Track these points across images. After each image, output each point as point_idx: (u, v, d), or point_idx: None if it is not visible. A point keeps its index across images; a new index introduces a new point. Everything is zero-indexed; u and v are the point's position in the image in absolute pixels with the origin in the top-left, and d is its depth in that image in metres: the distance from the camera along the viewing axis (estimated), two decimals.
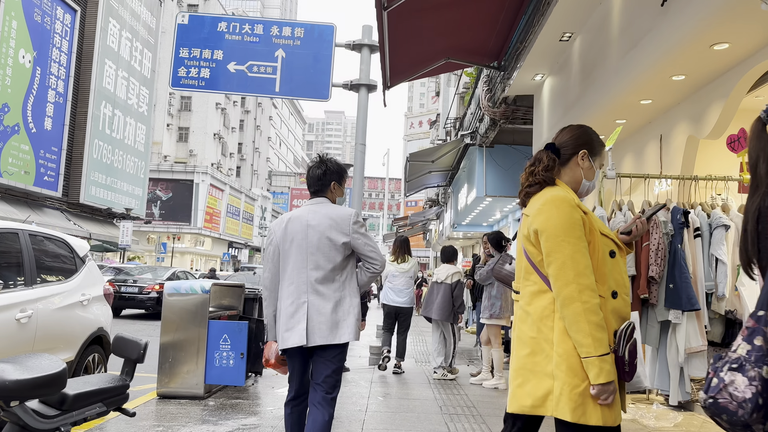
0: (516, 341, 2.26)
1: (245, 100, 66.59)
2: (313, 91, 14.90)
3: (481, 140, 12.90)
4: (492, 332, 6.98)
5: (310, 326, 3.13)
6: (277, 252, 3.31)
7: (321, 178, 3.39)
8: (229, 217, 54.47)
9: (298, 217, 3.32)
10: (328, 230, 3.24)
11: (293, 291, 3.22)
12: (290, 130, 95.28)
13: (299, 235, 3.25)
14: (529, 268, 2.26)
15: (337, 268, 3.25)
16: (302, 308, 3.16)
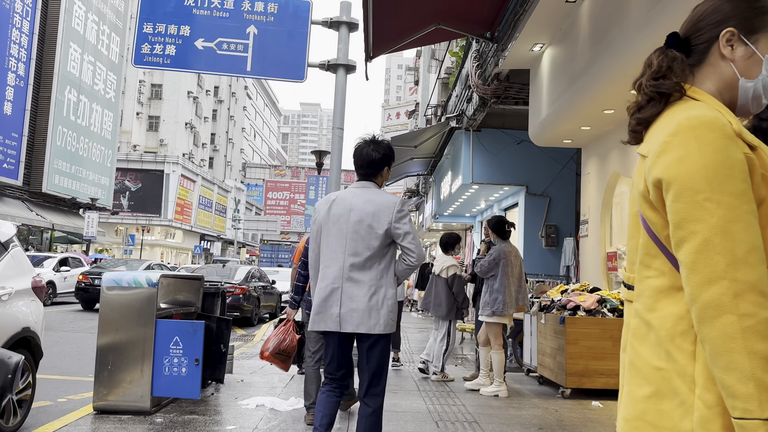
0: (630, 371, 1.33)
1: (218, 89, 64.96)
2: (288, 71, 13.88)
3: (468, 123, 12.02)
4: (492, 332, 6.10)
5: (343, 312, 3.09)
6: (320, 231, 3.26)
7: (377, 163, 3.29)
8: (201, 209, 52.99)
9: (343, 198, 3.23)
10: (370, 216, 3.15)
11: (329, 274, 3.16)
12: (265, 121, 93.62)
13: (342, 218, 3.18)
14: (651, 248, 1.31)
15: (375, 256, 3.15)
16: (336, 293, 3.11)
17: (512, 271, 6.07)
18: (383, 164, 3.31)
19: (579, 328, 5.92)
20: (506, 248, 6.13)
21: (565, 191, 12.55)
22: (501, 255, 6.07)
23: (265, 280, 16.36)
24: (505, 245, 6.18)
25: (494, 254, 6.10)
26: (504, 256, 6.06)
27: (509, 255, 6.09)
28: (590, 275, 8.24)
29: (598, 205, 8.04)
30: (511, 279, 6.04)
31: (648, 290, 1.29)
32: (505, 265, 6.03)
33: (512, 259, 6.10)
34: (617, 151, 7.51)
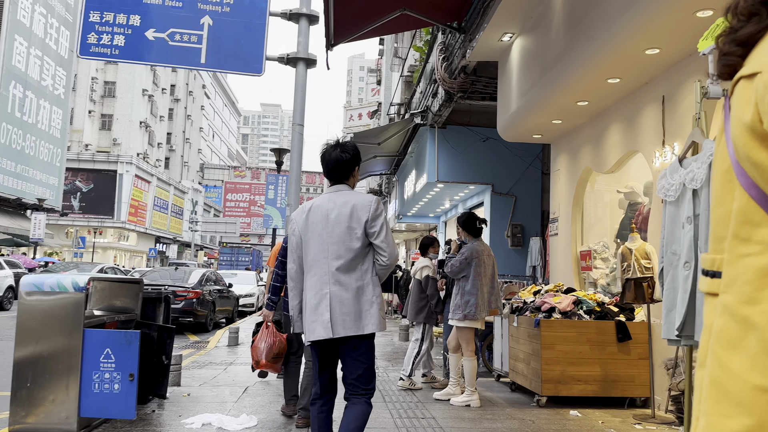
0: (712, 394, 0.85)
1: (175, 87, 63.38)
2: (245, 65, 13.34)
3: (433, 120, 11.62)
4: (464, 337, 5.67)
5: (334, 317, 3.08)
6: (300, 242, 3.25)
7: (346, 165, 3.27)
8: (156, 211, 51.47)
9: (318, 206, 3.23)
10: (347, 218, 3.16)
11: (316, 282, 3.16)
12: (224, 121, 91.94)
13: (320, 225, 3.19)
14: (753, 213, 0.83)
15: (358, 257, 3.16)
16: (325, 299, 3.11)
17: (485, 271, 5.66)
18: (353, 165, 3.32)
19: (555, 331, 5.54)
20: (478, 246, 5.71)
21: (530, 190, 12.29)
22: (473, 254, 5.65)
23: (221, 283, 15.65)
24: (477, 243, 5.76)
25: (466, 253, 5.67)
26: (476, 255, 5.64)
27: (482, 254, 5.68)
28: (560, 275, 7.91)
29: (569, 203, 7.72)
30: (484, 280, 5.62)
31: (747, 273, 0.82)
32: (478, 264, 5.62)
33: (485, 259, 5.68)
34: (589, 146, 7.20)
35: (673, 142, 5.38)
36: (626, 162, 6.53)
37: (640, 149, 6.02)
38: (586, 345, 5.55)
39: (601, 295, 5.96)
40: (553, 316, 5.64)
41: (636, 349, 5.59)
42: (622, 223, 6.79)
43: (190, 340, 12.28)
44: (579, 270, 7.52)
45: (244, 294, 19.11)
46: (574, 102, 6.54)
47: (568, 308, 5.67)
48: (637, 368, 5.56)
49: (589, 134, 7.17)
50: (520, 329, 6.07)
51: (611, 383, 5.53)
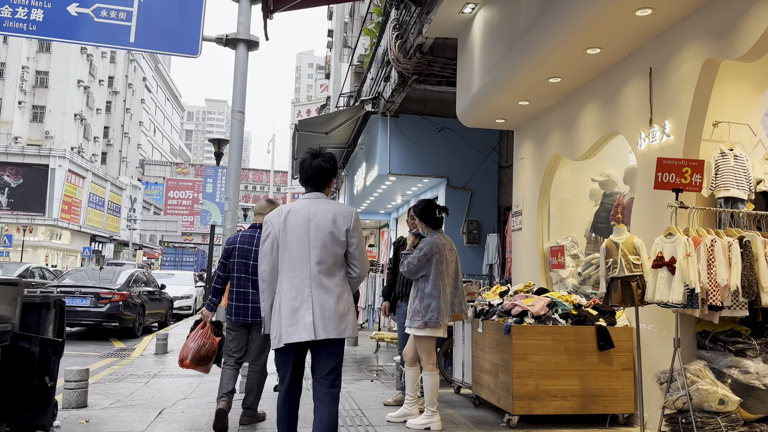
0: None
1: (114, 79, 60.61)
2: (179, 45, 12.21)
3: (385, 107, 10.78)
4: (424, 348, 4.81)
5: (317, 320, 3.15)
6: (275, 245, 3.29)
7: (326, 174, 3.35)
8: (91, 208, 48.91)
9: (298, 210, 3.29)
10: (331, 225, 3.25)
11: (296, 285, 3.21)
12: (167, 116, 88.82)
13: (301, 229, 3.25)
14: None
15: (338, 263, 3.28)
16: (307, 302, 3.18)
17: (447, 269, 4.82)
18: (332, 175, 3.39)
19: (528, 338, 4.76)
20: (439, 240, 4.87)
21: (487, 184, 11.60)
22: (434, 249, 4.81)
23: (152, 284, 14.40)
24: (438, 236, 4.92)
25: (425, 248, 4.82)
26: (437, 250, 4.81)
27: (443, 249, 4.84)
28: (524, 274, 7.19)
29: (535, 194, 7.00)
30: (446, 279, 4.79)
31: None
32: (439, 261, 4.78)
33: (447, 254, 4.85)
34: (559, 131, 6.48)
35: (664, 120, 4.68)
36: (602, 147, 5.83)
37: (621, 131, 5.32)
38: (564, 354, 4.80)
39: (577, 297, 5.22)
40: (525, 321, 4.86)
41: (619, 359, 4.87)
42: (598, 215, 6.10)
43: (115, 348, 11.08)
44: (547, 268, 6.81)
45: (181, 296, 17.85)
46: (545, 78, 5.79)
47: (542, 311, 4.90)
48: (620, 380, 4.85)
49: (560, 117, 6.45)
50: (486, 336, 5.27)
51: (591, 398, 4.79)
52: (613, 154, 6.27)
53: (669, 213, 4.42)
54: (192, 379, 7.51)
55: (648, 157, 4.88)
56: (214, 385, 7.02)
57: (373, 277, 11.01)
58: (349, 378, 7.70)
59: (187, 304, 17.91)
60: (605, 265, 4.53)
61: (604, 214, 5.91)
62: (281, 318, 3.17)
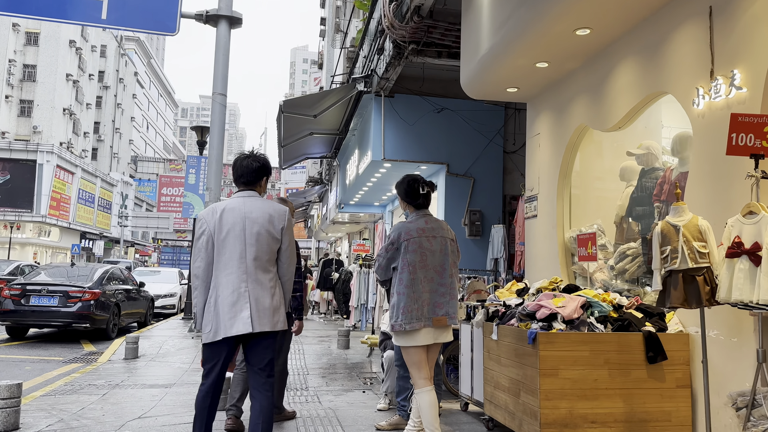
0: None
1: (104, 74, 59.39)
2: (155, 22, 11.27)
3: (378, 86, 9.73)
4: (408, 359, 3.81)
5: (253, 314, 3.28)
6: (210, 242, 3.35)
7: (257, 172, 3.55)
8: (81, 204, 47.74)
9: (232, 208, 3.39)
10: (267, 223, 3.39)
11: (233, 280, 3.30)
12: (159, 112, 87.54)
13: (237, 226, 3.35)
14: None
15: (272, 260, 3.42)
16: (244, 297, 3.29)
17: (425, 260, 3.82)
18: (261, 173, 3.57)
19: (559, 349, 3.74)
20: (411, 224, 3.93)
21: (491, 171, 10.58)
22: (402, 236, 3.89)
23: (130, 282, 13.35)
24: (415, 219, 3.95)
25: (391, 235, 3.91)
26: (407, 237, 3.86)
27: (416, 234, 3.88)
28: (541, 268, 6.18)
29: (554, 175, 5.97)
30: (423, 273, 3.81)
31: None
32: (410, 251, 3.84)
33: (425, 242, 3.85)
34: (585, 98, 5.45)
35: (731, 70, 3.65)
36: (642, 112, 4.80)
37: (669, 89, 4.29)
38: (604, 369, 3.77)
39: (616, 295, 4.19)
40: (554, 327, 3.83)
41: (672, 374, 3.85)
42: (636, 197, 5.05)
43: (84, 351, 10.06)
44: (568, 260, 5.78)
45: (164, 294, 16.80)
46: (571, 30, 4.76)
47: (575, 314, 3.88)
48: (674, 401, 3.83)
49: (586, 81, 5.42)
50: (503, 345, 4.25)
51: (639, 424, 3.77)
52: (641, 126, 5.24)
53: (740, 187, 3.40)
54: (158, 390, 6.51)
55: (708, 118, 3.85)
56: (180, 398, 6.02)
57: (367, 274, 9.97)
58: (338, 387, 6.68)
59: (171, 303, 16.86)
60: (660, 255, 3.51)
61: (643, 194, 4.88)
62: (218, 312, 3.28)
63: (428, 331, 3.81)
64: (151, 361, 8.74)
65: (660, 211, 4.47)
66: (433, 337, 3.83)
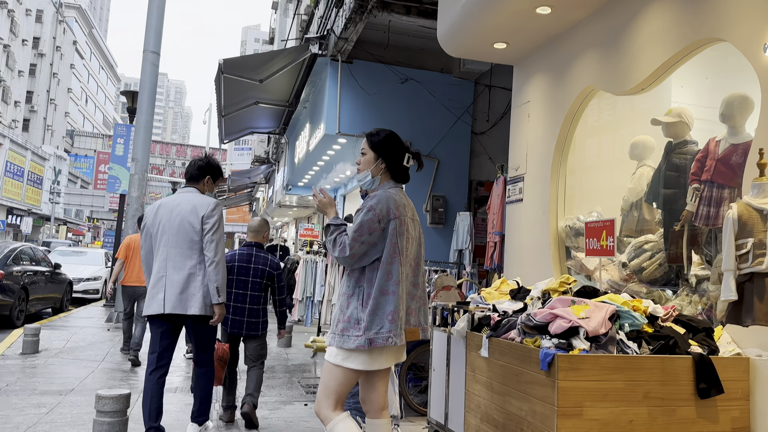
0: None
1: (39, 40, 55.68)
2: None
3: (336, 48, 8.51)
4: (346, 381, 2.69)
5: (167, 297, 3.64)
6: (148, 233, 3.83)
7: (200, 169, 3.97)
8: (8, 178, 44.49)
9: (166, 203, 3.84)
10: (188, 214, 3.74)
11: (158, 266, 3.73)
12: (101, 86, 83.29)
13: (165, 218, 3.77)
14: None
15: (193, 248, 3.71)
16: (161, 281, 3.67)
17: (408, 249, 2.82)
18: (205, 172, 3.97)
19: (585, 378, 2.67)
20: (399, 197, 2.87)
21: (457, 153, 9.54)
22: (391, 210, 2.81)
23: (44, 263, 11.73)
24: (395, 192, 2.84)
25: (377, 207, 2.81)
26: (396, 214, 2.80)
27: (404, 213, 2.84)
28: (524, 263, 5.14)
29: (548, 150, 4.92)
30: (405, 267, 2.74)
31: None
32: (399, 233, 2.79)
33: (410, 224, 2.85)
34: (595, 54, 4.39)
35: None
36: (676, 68, 3.76)
37: (724, 35, 3.26)
38: (643, 406, 2.72)
39: (649, 303, 3.14)
40: (575, 346, 2.75)
41: (728, 412, 2.84)
42: (661, 177, 4.00)
43: None
44: (562, 255, 4.75)
45: (86, 277, 15.13)
46: None
47: (602, 329, 2.81)
48: None
49: (599, 31, 4.36)
50: (496, 365, 3.16)
51: None
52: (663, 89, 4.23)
53: None
54: (49, 399, 5.26)
55: None
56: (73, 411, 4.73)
57: (314, 263, 8.76)
58: (275, 398, 5.52)
59: (95, 287, 15.21)
60: (734, 251, 2.47)
61: (671, 174, 3.85)
62: (147, 292, 3.78)
63: (397, 349, 2.81)
64: (54, 357, 7.34)
65: (700, 193, 3.46)
66: (395, 356, 2.82)
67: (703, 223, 3.43)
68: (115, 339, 8.89)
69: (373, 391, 2.82)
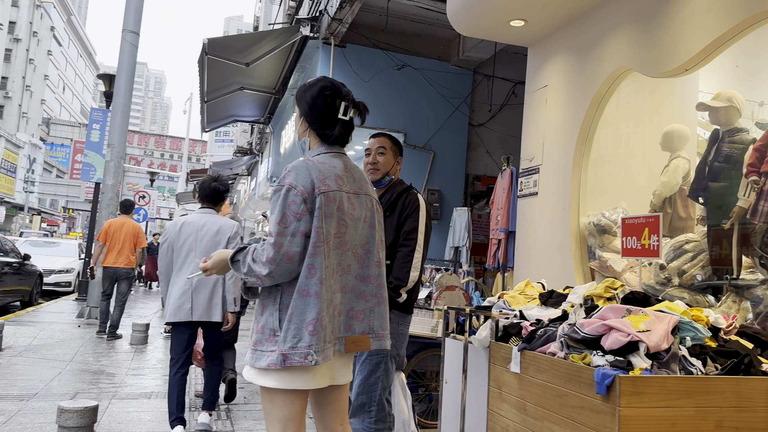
0: None
1: (15, 25, 54.15)
2: None
3: (328, 30, 7.99)
4: (282, 411, 2.11)
5: (194, 306, 4.09)
6: (171, 247, 4.14)
7: (220, 195, 4.34)
8: None
9: (192, 221, 4.17)
10: (215, 235, 4.14)
11: (182, 278, 4.10)
12: (78, 74, 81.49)
13: (191, 237, 4.11)
14: None
15: None
16: (187, 292, 4.08)
17: (340, 233, 2.19)
18: (224, 196, 4.36)
19: (651, 404, 2.21)
20: (326, 168, 2.22)
21: (454, 145, 9.08)
22: (314, 184, 2.16)
23: (11, 254, 11.06)
24: (328, 158, 2.29)
25: (298, 185, 2.16)
26: (323, 188, 2.17)
27: (335, 186, 2.20)
28: (539, 263, 4.69)
29: (570, 138, 4.47)
30: (334, 256, 2.15)
31: None
32: (325, 215, 2.16)
33: (347, 203, 2.21)
34: (630, 31, 3.94)
35: None
36: (729, 45, 3.32)
37: None
38: None
39: (710, 312, 2.70)
40: (634, 364, 2.30)
41: None
42: (704, 170, 3.54)
43: None
44: (584, 255, 4.30)
45: (58, 269, 14.44)
46: None
47: (664, 344, 2.36)
48: None
49: (634, 5, 3.91)
50: (532, 383, 2.69)
51: None
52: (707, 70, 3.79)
53: None
54: (6, 406, 4.63)
55: None
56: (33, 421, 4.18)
57: None
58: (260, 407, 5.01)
59: (66, 280, 14.52)
60: None
61: (720, 165, 3.42)
62: (172, 302, 4.08)
63: (330, 364, 2.17)
64: (18, 356, 6.75)
65: (760, 187, 3.02)
66: (330, 375, 2.18)
67: (764, 220, 3.00)
68: (86, 336, 8.29)
69: (326, 417, 2.27)
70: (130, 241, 8.23)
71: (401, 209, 3.26)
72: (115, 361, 6.75)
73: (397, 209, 3.27)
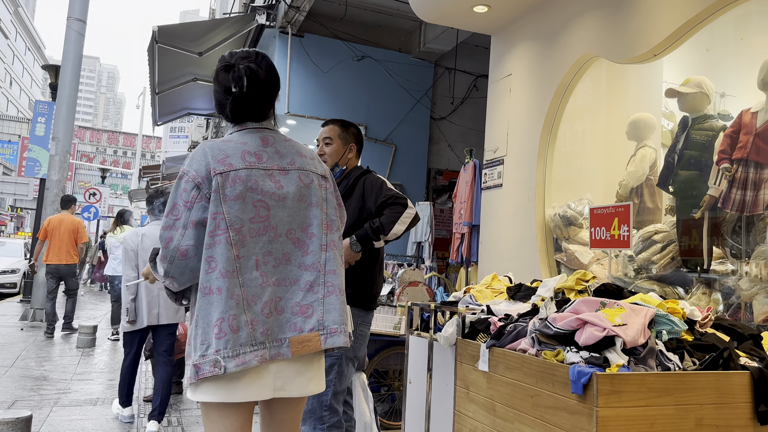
0: None
1: None
2: None
3: (285, 18, 7.73)
4: (218, 428, 1.86)
5: (161, 311, 4.27)
6: (129, 257, 4.22)
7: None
8: None
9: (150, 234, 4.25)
10: None
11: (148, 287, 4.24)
12: (27, 68, 78.68)
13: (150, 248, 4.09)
14: None
15: None
16: (156, 299, 4.26)
17: (260, 216, 1.92)
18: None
19: (629, 403, 2.07)
20: (228, 144, 1.96)
21: (415, 139, 8.94)
22: (210, 166, 1.95)
23: None
24: (238, 137, 2.01)
25: (191, 171, 1.96)
26: (220, 168, 1.92)
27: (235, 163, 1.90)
28: (503, 256, 4.56)
29: (535, 129, 4.34)
30: (254, 244, 1.88)
31: None
32: (226, 199, 1.90)
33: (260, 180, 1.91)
34: (597, 17, 3.83)
35: None
36: (698, 29, 3.23)
37: None
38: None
39: (685, 304, 2.59)
40: (610, 361, 2.16)
41: None
42: (674, 158, 3.46)
43: None
44: (549, 247, 4.19)
45: (2, 270, 13.77)
46: None
47: (641, 338, 2.22)
48: None
49: None
50: (502, 383, 2.53)
51: None
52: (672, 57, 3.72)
53: None
54: None
55: None
56: None
57: None
58: None
59: (11, 281, 13.88)
60: None
61: (690, 152, 3.33)
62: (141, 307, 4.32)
63: (269, 372, 1.85)
64: None
65: (732, 174, 2.93)
66: (274, 384, 1.87)
67: (737, 209, 2.91)
68: (29, 340, 7.84)
69: None
70: (70, 237, 8.17)
71: (363, 192, 3.06)
72: (60, 366, 6.37)
73: (355, 192, 3.07)
